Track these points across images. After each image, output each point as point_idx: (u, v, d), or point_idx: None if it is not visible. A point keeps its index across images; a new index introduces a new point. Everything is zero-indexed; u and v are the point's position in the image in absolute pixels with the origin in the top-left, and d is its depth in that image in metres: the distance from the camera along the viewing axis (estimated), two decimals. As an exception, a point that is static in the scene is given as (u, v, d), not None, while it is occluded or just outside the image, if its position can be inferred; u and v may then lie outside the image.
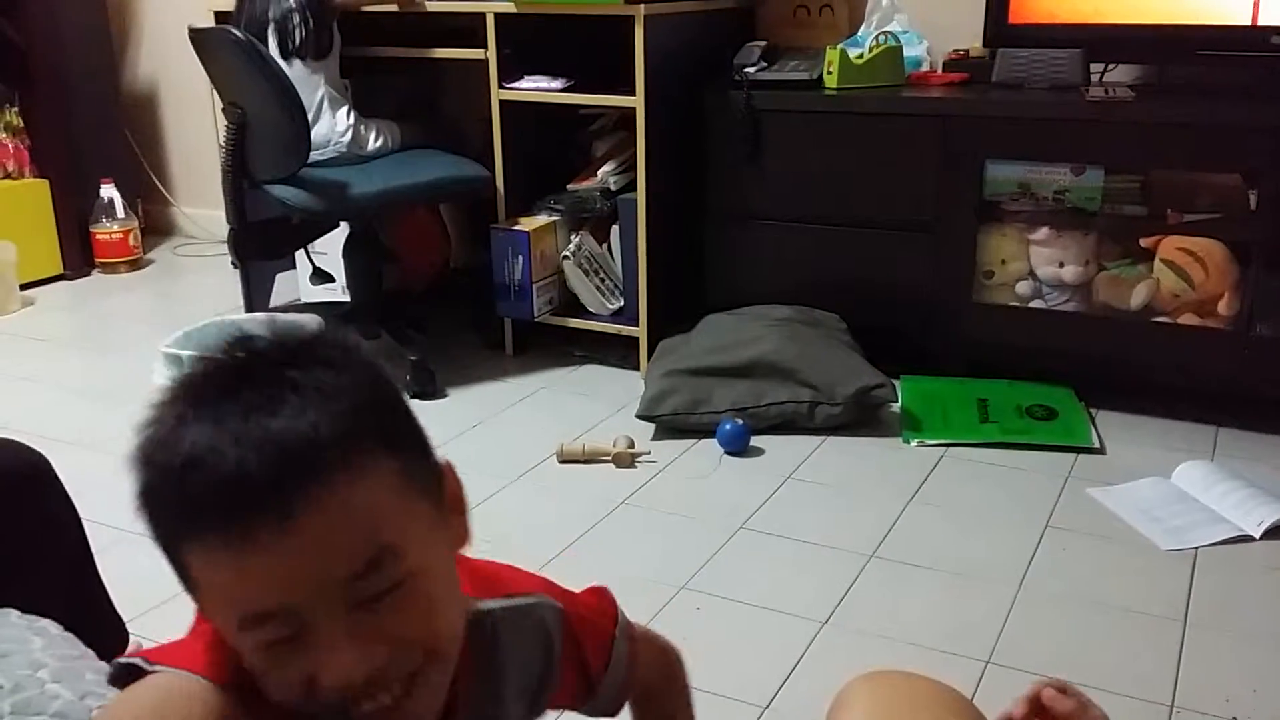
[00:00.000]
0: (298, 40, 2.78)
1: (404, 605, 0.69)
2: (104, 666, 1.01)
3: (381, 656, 0.69)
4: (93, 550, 1.41)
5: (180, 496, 0.66)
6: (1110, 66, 2.71)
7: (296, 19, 2.77)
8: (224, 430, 0.65)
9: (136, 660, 0.74)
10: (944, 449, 2.41)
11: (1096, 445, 2.40)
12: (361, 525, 0.67)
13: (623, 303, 2.92)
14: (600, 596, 1.03)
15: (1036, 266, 2.56)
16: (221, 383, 0.68)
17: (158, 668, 0.73)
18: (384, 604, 0.68)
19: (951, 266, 2.61)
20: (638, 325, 2.84)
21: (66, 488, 1.35)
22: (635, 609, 1.83)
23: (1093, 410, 2.56)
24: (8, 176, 3.70)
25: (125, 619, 1.48)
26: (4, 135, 3.68)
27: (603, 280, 2.93)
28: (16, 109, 3.68)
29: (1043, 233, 2.53)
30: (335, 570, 0.66)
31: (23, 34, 3.58)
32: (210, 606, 0.70)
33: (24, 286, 3.58)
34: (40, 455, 1.31)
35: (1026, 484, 2.26)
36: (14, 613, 1.04)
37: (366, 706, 0.70)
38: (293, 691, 0.69)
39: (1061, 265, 2.53)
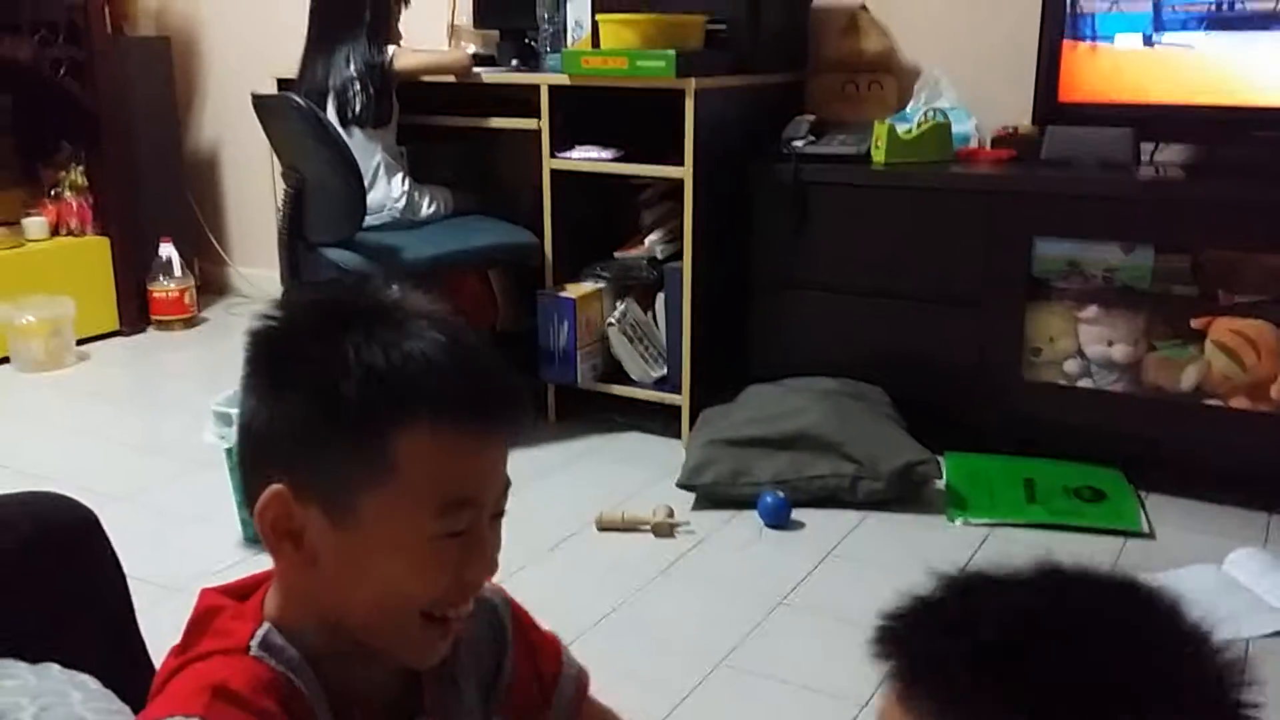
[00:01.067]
0: (357, 108, 2.85)
1: (499, 531, 0.85)
2: (140, 724, 1.01)
3: (496, 566, 0.84)
4: (135, 608, 1.42)
5: (425, 386, 0.76)
6: (1160, 145, 2.70)
7: (357, 87, 2.85)
8: (463, 346, 0.79)
9: None
10: (989, 529, 2.37)
11: (1146, 530, 2.35)
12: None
13: (666, 371, 2.93)
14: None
15: (1085, 345, 2.53)
16: (392, 304, 0.80)
17: None
18: (497, 524, 0.84)
19: (999, 343, 2.59)
20: (680, 394, 2.84)
21: (113, 543, 1.36)
22: (672, 681, 1.82)
23: (1142, 493, 2.51)
24: (70, 233, 3.80)
25: (163, 676, 1.49)
26: (69, 193, 3.79)
27: (647, 348, 2.94)
28: (82, 168, 3.80)
29: (1092, 311, 2.50)
30: (504, 479, 0.83)
31: (90, 95, 3.70)
32: (411, 490, 0.76)
33: (80, 341, 3.65)
34: (89, 511, 1.33)
35: (1073, 566, 2.21)
36: (55, 667, 1.05)
37: (459, 611, 0.83)
38: (436, 586, 0.79)
39: (1110, 344, 2.50)
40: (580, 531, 2.38)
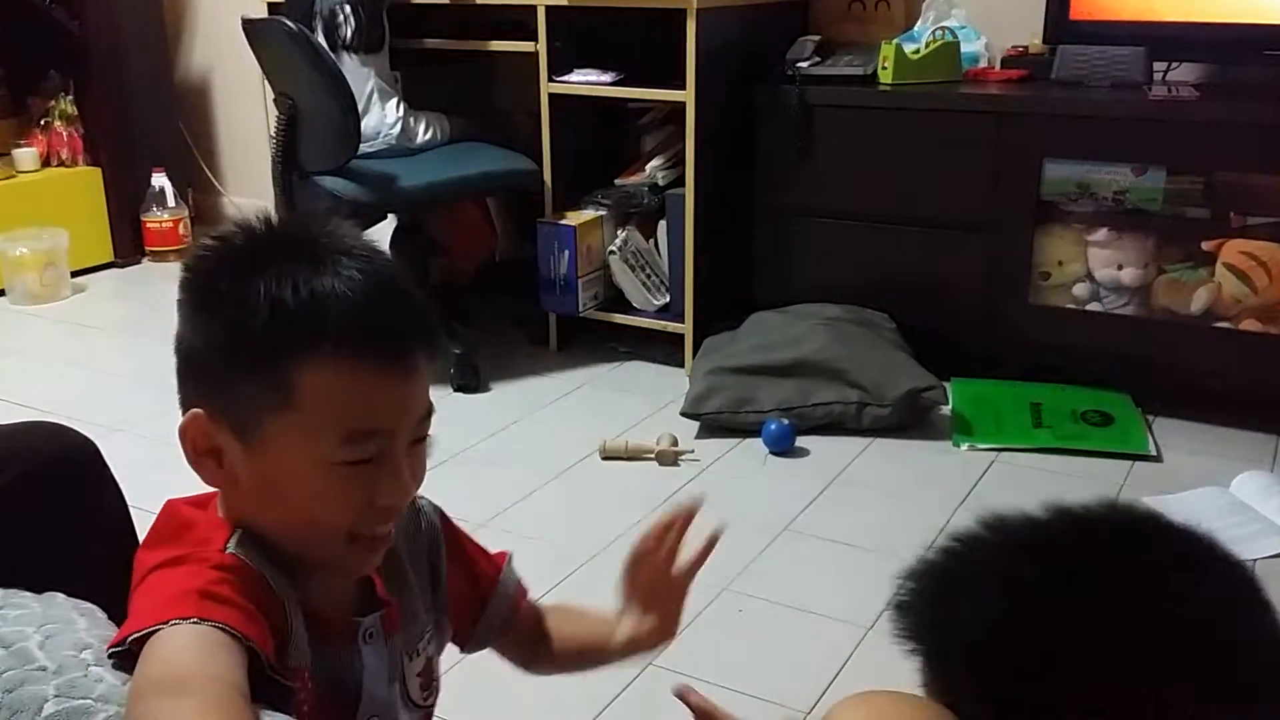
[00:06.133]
0: (347, 34, 2.77)
1: (422, 455, 0.86)
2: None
3: (414, 489, 0.86)
4: (138, 536, 1.41)
5: (329, 321, 0.78)
6: (1174, 65, 2.64)
7: (346, 11, 2.77)
8: (376, 281, 0.80)
9: (137, 634, 0.75)
10: (995, 454, 2.37)
11: (1153, 453, 2.34)
12: (428, 383, 0.85)
13: (668, 299, 2.90)
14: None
15: (1094, 268, 2.50)
16: (316, 241, 0.82)
17: (159, 627, 0.75)
18: (419, 448, 0.85)
19: (1007, 267, 2.56)
20: (683, 322, 2.81)
21: (114, 473, 1.35)
22: (679, 608, 1.81)
23: (1150, 417, 2.50)
24: (61, 164, 3.75)
25: (169, 605, 1.48)
26: (58, 123, 3.72)
27: (648, 276, 2.91)
28: (71, 97, 3.72)
29: (1101, 234, 2.47)
30: (419, 409, 0.83)
31: (79, 23, 3.62)
32: (314, 420, 0.79)
33: (75, 273, 3.61)
34: (89, 440, 1.31)
35: (1080, 491, 2.21)
36: (59, 595, 1.04)
37: (381, 530, 0.86)
38: (349, 510, 0.82)
39: (1120, 268, 2.47)
40: (584, 460, 2.37)
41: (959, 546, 0.63)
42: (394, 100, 2.84)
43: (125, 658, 0.77)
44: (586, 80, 2.80)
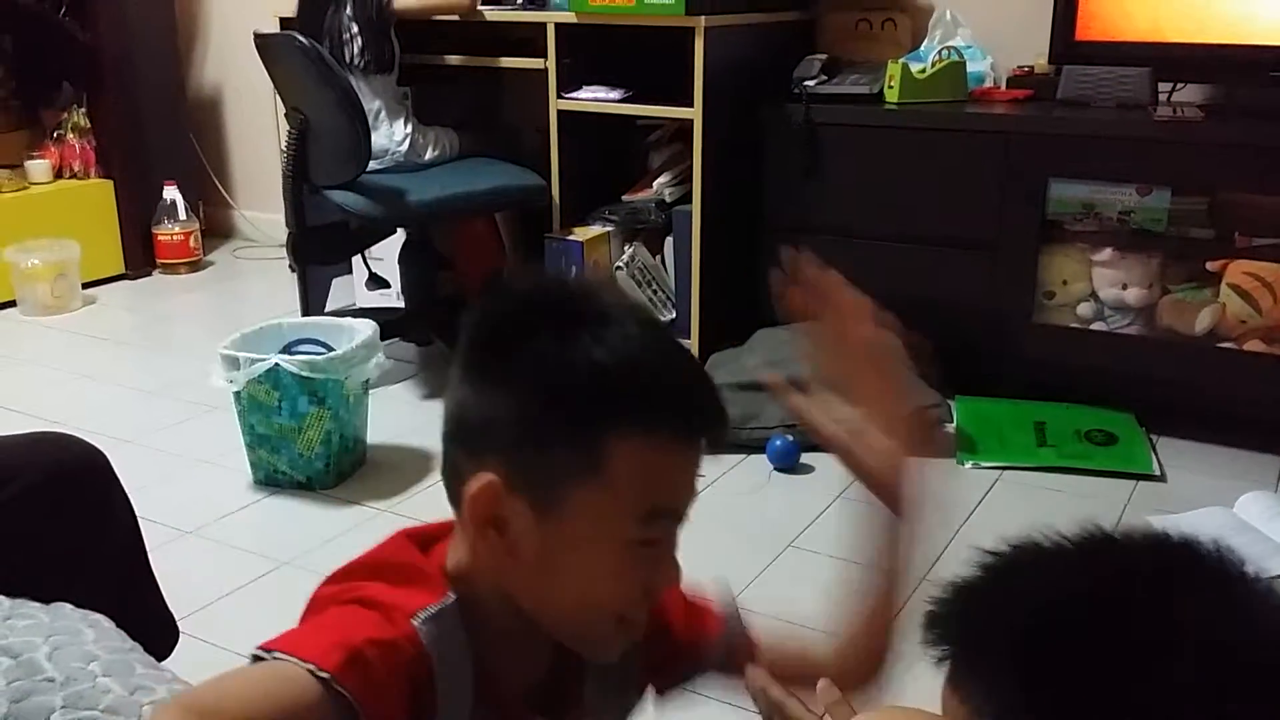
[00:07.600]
0: (352, 53, 2.78)
1: (678, 537, 0.84)
2: (153, 660, 1.01)
3: (681, 572, 0.84)
4: (146, 547, 1.42)
5: (650, 391, 0.77)
6: (1179, 86, 2.65)
7: (354, 30, 2.78)
8: (673, 349, 0.81)
9: (264, 653, 0.72)
10: (999, 472, 2.37)
11: (1157, 472, 2.35)
12: None
13: (675, 315, 2.91)
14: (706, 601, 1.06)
15: (1099, 288, 2.51)
16: (607, 305, 0.80)
17: (283, 657, 0.71)
18: (678, 529, 0.83)
19: (1012, 286, 2.57)
20: (689, 338, 2.82)
21: (123, 484, 1.36)
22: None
23: (1154, 436, 2.50)
24: (74, 176, 3.78)
25: (176, 617, 1.49)
26: (71, 136, 3.75)
27: (655, 292, 2.92)
28: (84, 110, 3.75)
29: (1106, 254, 2.48)
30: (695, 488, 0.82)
31: (92, 36, 3.65)
32: (621, 494, 0.76)
33: (86, 285, 3.64)
34: (99, 451, 1.33)
35: (1084, 510, 2.20)
36: (67, 606, 1.05)
37: (645, 616, 0.83)
38: (631, 592, 0.80)
39: (1125, 287, 2.48)
40: (589, 475, 2.37)
41: (999, 556, 0.63)
42: (402, 118, 2.86)
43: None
44: (595, 97, 2.82)
